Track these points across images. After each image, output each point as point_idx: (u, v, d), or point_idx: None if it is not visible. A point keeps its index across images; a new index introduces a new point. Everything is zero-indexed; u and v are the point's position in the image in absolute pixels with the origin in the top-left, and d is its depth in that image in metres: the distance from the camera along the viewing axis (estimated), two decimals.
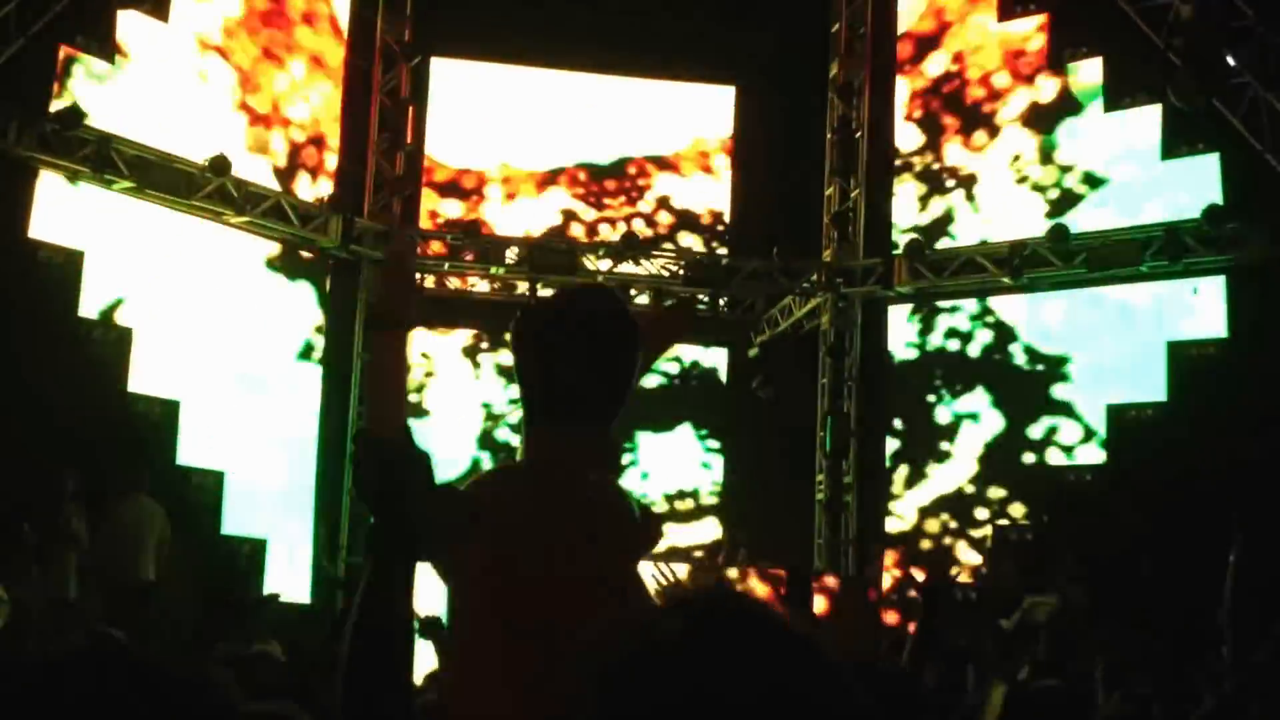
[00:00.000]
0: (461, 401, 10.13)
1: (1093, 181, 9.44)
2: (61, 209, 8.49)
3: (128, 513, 7.48)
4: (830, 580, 8.88)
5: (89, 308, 8.59)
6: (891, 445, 9.96)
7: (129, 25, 8.85)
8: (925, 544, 9.62)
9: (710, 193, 10.64)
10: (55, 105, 8.28)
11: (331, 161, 10.01)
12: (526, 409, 1.84)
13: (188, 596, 7.68)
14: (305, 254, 9.78)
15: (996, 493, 9.51)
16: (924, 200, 10.11)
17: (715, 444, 10.26)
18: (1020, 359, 9.65)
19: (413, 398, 9.84)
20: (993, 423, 9.61)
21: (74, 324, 8.50)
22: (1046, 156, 9.64)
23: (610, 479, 1.89)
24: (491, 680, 1.73)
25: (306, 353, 9.85)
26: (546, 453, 1.83)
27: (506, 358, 9.52)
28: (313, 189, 9.84)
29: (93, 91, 8.61)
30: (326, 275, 9.92)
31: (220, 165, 8.74)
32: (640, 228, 10.37)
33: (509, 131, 10.45)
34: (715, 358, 10.39)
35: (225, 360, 9.24)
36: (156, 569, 7.43)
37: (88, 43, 8.65)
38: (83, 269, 8.55)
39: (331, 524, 9.51)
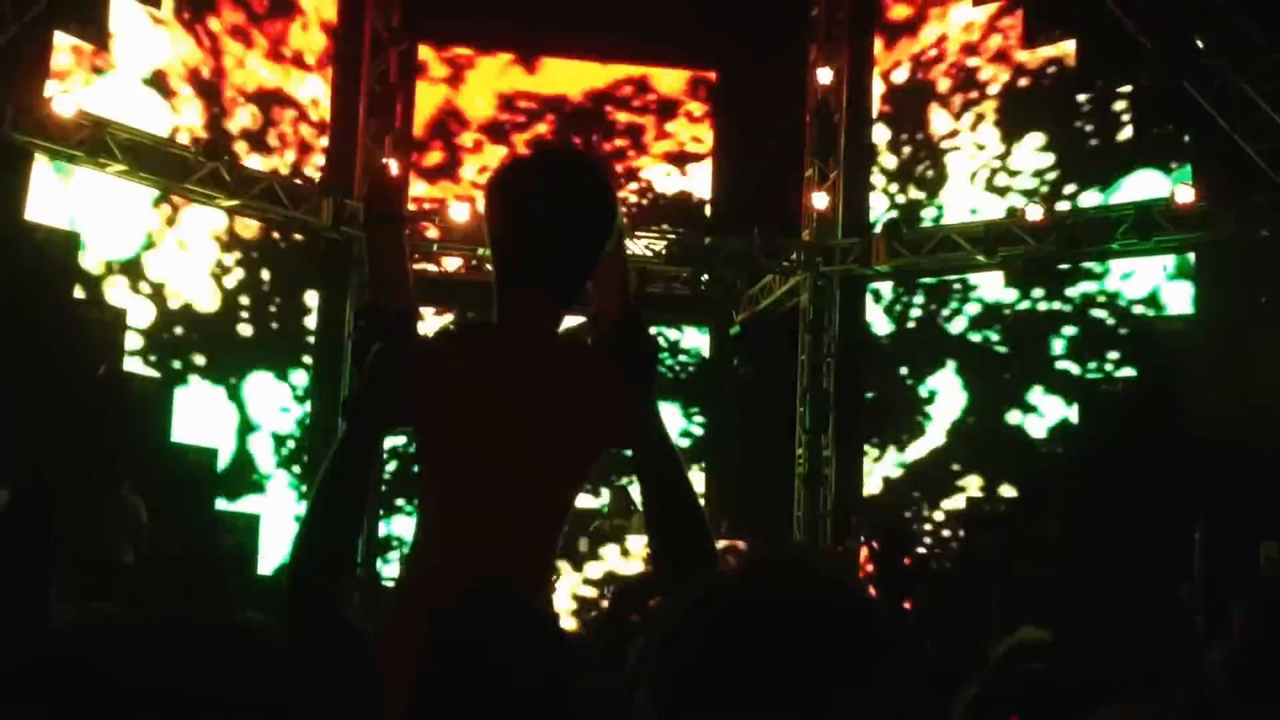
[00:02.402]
0: None
1: (1065, 162, 9.64)
2: (58, 192, 8.69)
3: (109, 508, 7.53)
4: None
5: (85, 289, 8.80)
6: (868, 419, 10.21)
7: (121, 10, 9.03)
8: (893, 516, 9.87)
9: (692, 175, 10.85)
10: (50, 90, 8.47)
11: (323, 144, 10.21)
12: (495, 270, 1.82)
13: (174, 574, 7.84)
14: (297, 236, 9.99)
15: (972, 466, 9.75)
16: (901, 181, 10.31)
17: (698, 420, 10.51)
18: (994, 335, 9.88)
19: None
20: (966, 397, 9.84)
21: (70, 305, 8.72)
22: (1020, 137, 9.83)
23: (592, 351, 1.85)
24: (451, 533, 1.73)
25: (299, 331, 10.07)
26: (510, 311, 1.79)
27: None
28: (304, 172, 10.04)
29: (86, 77, 8.80)
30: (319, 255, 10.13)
31: (213, 149, 8.94)
32: (623, 209, 10.58)
33: (493, 115, 10.64)
34: (697, 336, 10.64)
35: (218, 338, 9.47)
36: (137, 555, 7.52)
37: (82, 28, 8.83)
38: (79, 251, 8.77)
39: None
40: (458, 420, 1.75)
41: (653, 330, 1.83)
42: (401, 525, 9.84)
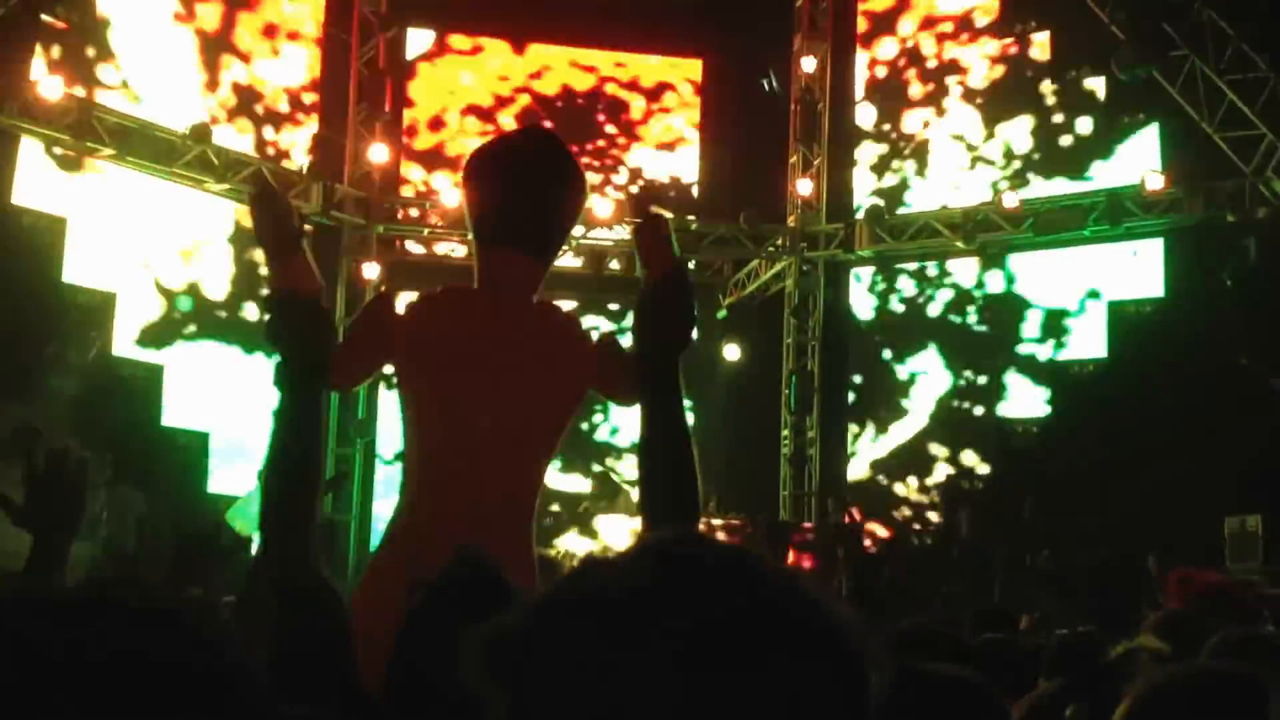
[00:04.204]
0: None
1: (1040, 149, 9.93)
2: (44, 176, 8.64)
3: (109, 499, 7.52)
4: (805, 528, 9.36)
5: (72, 273, 8.76)
6: (852, 401, 10.47)
7: None
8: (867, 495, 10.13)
9: (679, 161, 11.00)
10: (36, 73, 8.41)
11: (312, 129, 10.22)
12: (475, 238, 1.96)
13: (163, 554, 7.87)
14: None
15: (950, 445, 10.04)
16: (882, 168, 10.56)
17: (685, 401, 10.66)
18: (972, 318, 10.17)
19: None
20: (945, 379, 10.13)
21: (57, 289, 8.68)
22: (998, 126, 10.11)
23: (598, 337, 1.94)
24: (432, 484, 1.84)
25: None
26: (489, 271, 1.93)
27: None
28: (293, 156, 10.05)
29: (72, 60, 8.74)
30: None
31: (200, 133, 8.92)
32: (612, 194, 10.70)
33: (481, 102, 10.71)
34: None
35: (208, 322, 9.47)
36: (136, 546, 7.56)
37: (68, 12, 8.77)
38: (66, 235, 8.72)
39: None
40: (438, 375, 1.87)
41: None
42: None
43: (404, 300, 2.09)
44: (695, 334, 1.88)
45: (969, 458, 9.97)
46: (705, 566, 0.64)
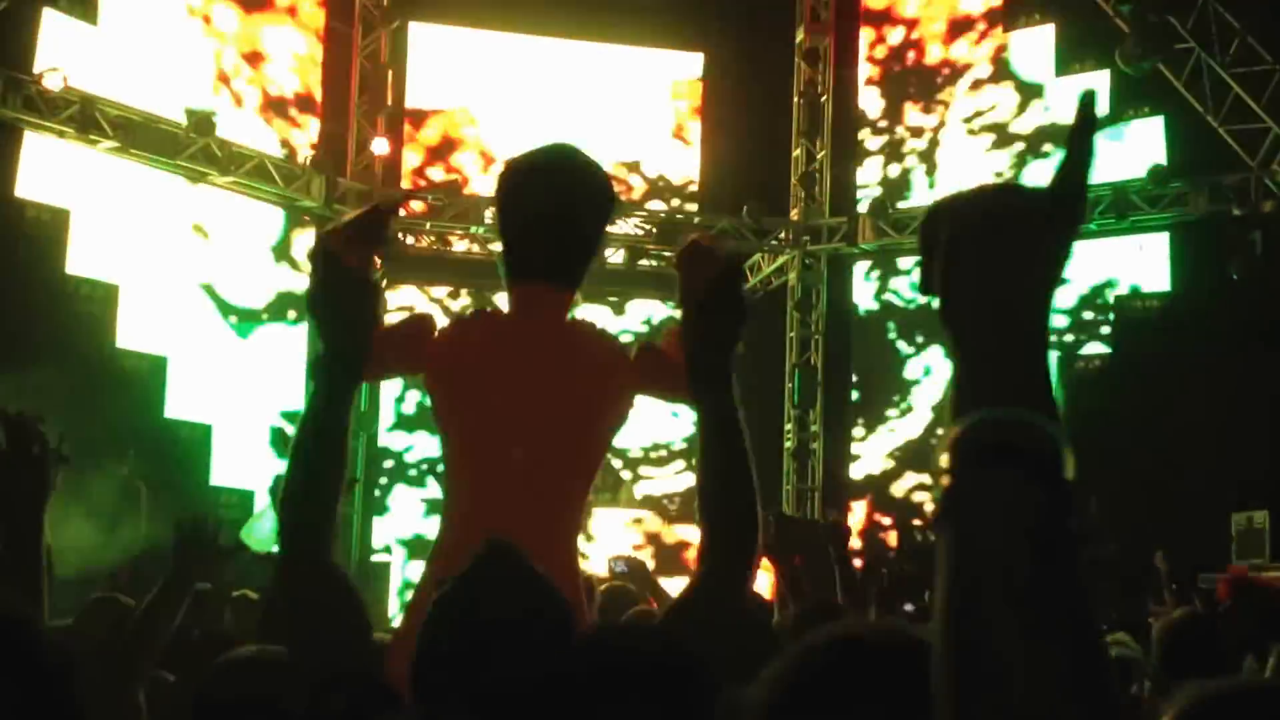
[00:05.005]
0: None
1: (1045, 143, 9.89)
2: (47, 168, 8.66)
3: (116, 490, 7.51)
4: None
5: (76, 266, 8.78)
6: (855, 396, 10.43)
7: None
8: (897, 492, 10.10)
9: (681, 155, 10.98)
10: (39, 66, 8.43)
11: (315, 123, 10.23)
12: (504, 264, 1.89)
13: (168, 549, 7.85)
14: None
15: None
16: (885, 161, 10.52)
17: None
18: None
19: None
20: (951, 372, 10.06)
21: (61, 282, 8.69)
22: (1001, 120, 10.07)
23: (598, 331, 1.87)
24: (470, 515, 1.78)
25: (292, 308, 10.09)
26: (520, 303, 1.87)
27: None
28: (296, 150, 10.06)
29: (74, 52, 8.76)
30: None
31: (203, 125, 8.93)
32: (619, 188, 10.69)
33: (485, 96, 10.70)
34: None
35: (211, 315, 9.48)
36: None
37: (69, 4, 8.79)
38: (69, 227, 8.74)
39: None
40: (475, 405, 1.80)
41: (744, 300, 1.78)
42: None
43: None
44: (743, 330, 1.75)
45: None
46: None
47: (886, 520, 9.83)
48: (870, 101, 10.62)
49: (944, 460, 0.67)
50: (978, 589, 0.62)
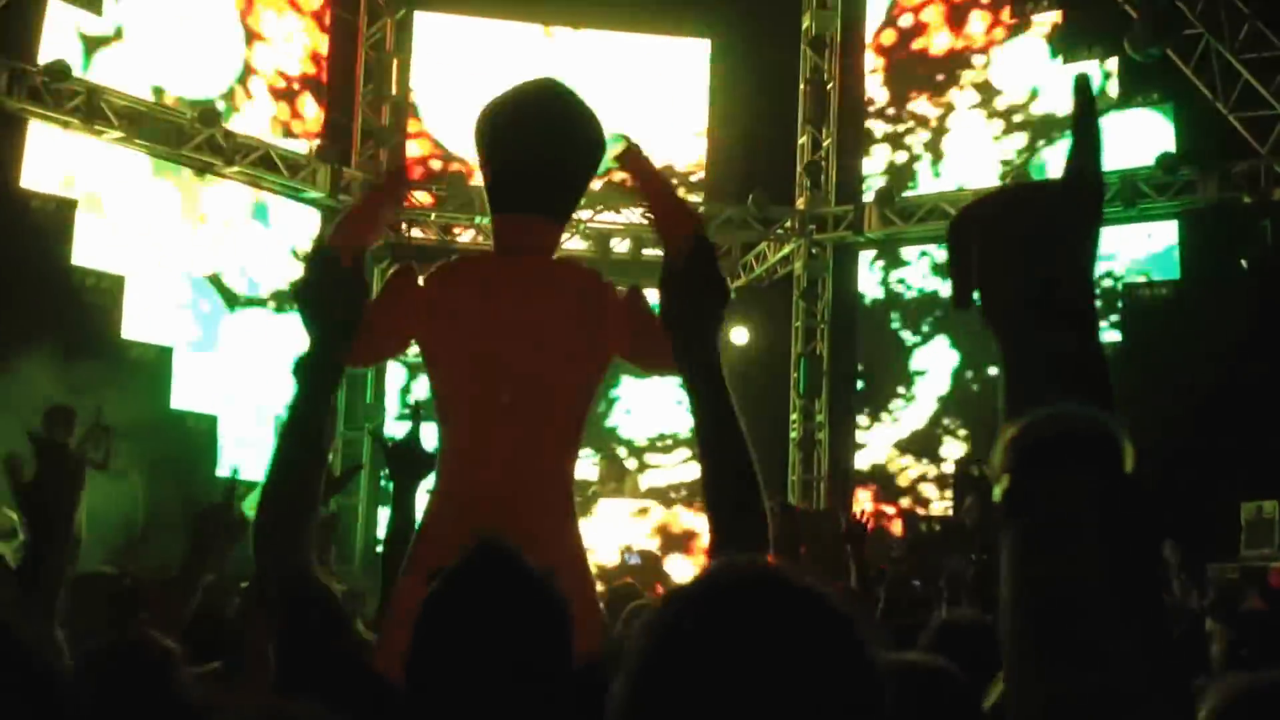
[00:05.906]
0: None
1: (1051, 130, 9.83)
2: (53, 159, 8.66)
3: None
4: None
5: (82, 257, 8.79)
6: (861, 385, 10.41)
7: None
8: (900, 480, 10.09)
9: (687, 143, 10.95)
10: (44, 58, 8.42)
11: (320, 113, 10.21)
12: (488, 199, 1.87)
13: (178, 538, 7.87)
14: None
15: (960, 430, 9.97)
16: (891, 149, 10.47)
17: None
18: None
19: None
20: (956, 362, 10.06)
21: (67, 272, 8.70)
22: (1008, 107, 10.01)
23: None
24: (464, 459, 1.77)
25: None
26: (505, 236, 1.84)
27: None
28: (301, 140, 10.05)
29: (80, 43, 8.75)
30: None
31: (209, 116, 8.93)
32: (620, 177, 10.67)
33: (490, 85, 10.66)
34: None
35: (217, 306, 9.49)
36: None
37: None
38: (75, 218, 8.74)
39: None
40: (463, 346, 1.79)
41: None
42: None
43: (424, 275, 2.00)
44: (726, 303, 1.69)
45: (981, 443, 9.91)
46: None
47: (890, 510, 9.82)
48: (876, 89, 10.57)
49: (1002, 460, 0.67)
50: (1053, 586, 0.63)
